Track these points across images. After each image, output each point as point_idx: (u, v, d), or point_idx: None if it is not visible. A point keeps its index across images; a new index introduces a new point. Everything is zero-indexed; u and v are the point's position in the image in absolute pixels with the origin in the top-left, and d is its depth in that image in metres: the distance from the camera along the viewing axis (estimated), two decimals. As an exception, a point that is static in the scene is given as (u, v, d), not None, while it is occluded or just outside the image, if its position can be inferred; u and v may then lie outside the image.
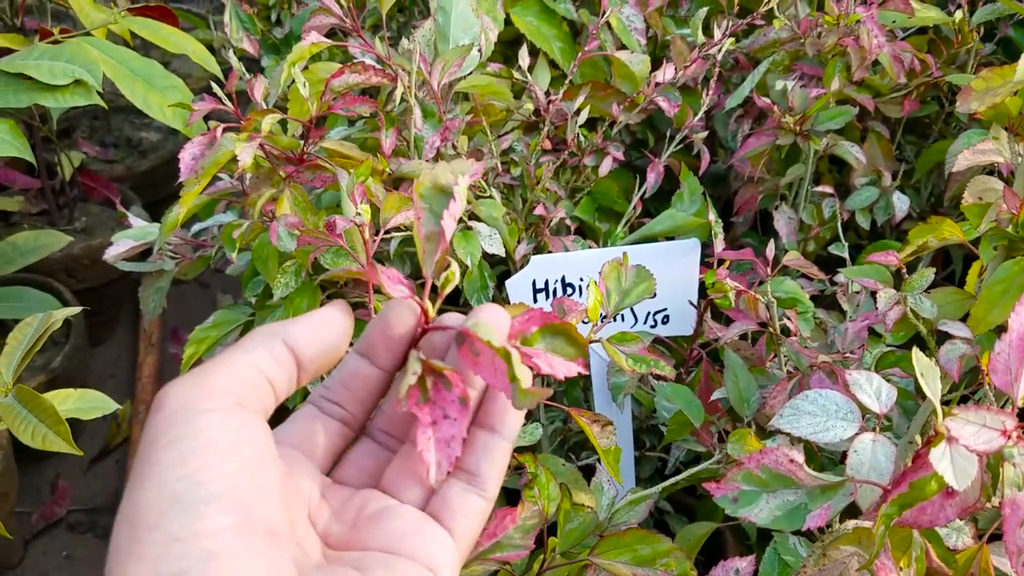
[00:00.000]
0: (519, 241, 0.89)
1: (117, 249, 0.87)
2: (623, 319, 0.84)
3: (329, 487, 0.37)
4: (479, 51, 0.95)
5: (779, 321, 0.75)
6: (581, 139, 0.94)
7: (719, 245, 0.79)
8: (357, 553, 0.34)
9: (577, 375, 0.36)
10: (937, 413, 0.40)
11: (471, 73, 0.88)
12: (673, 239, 0.85)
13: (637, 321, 0.84)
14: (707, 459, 0.75)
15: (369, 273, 0.36)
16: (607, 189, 0.98)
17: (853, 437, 0.49)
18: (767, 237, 1.03)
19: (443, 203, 0.36)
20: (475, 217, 0.85)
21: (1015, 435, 0.40)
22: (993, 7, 1.01)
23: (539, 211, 0.88)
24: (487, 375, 0.33)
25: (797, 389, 0.68)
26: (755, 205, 1.02)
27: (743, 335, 0.81)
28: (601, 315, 0.60)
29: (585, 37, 1.04)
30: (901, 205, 0.95)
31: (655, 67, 0.94)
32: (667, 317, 0.83)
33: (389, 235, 0.85)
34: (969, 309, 0.59)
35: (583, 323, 0.65)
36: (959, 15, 1.00)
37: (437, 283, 0.37)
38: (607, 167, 0.92)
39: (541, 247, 0.90)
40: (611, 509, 0.71)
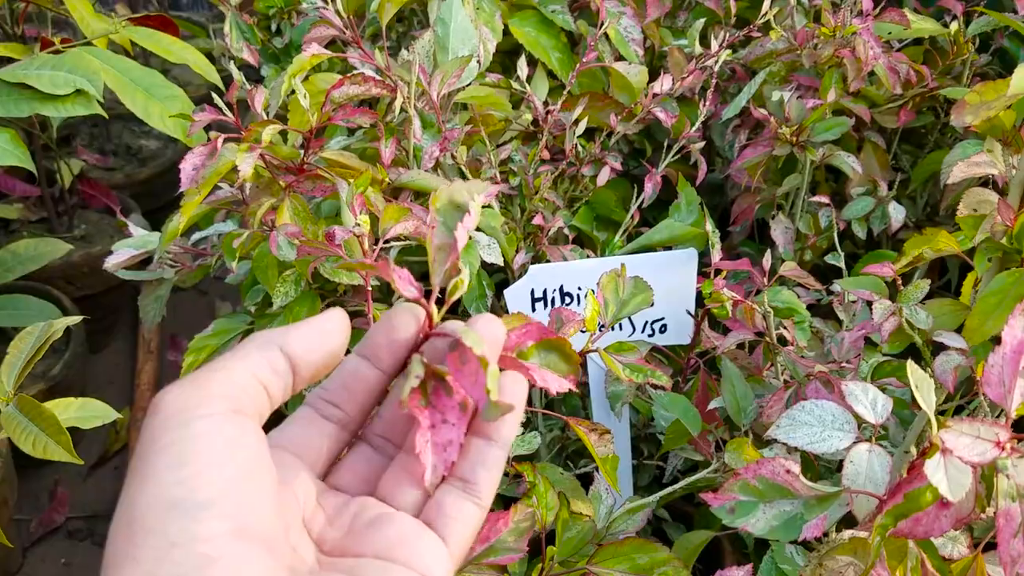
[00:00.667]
0: (517, 250, 0.89)
1: (117, 258, 0.88)
2: (621, 328, 0.85)
3: (324, 492, 0.37)
4: (478, 62, 0.95)
5: (776, 331, 0.76)
6: (579, 149, 0.94)
7: (716, 255, 0.79)
8: (352, 560, 0.34)
9: (579, 384, 0.36)
10: (932, 425, 0.40)
11: (470, 84, 0.89)
12: (671, 249, 0.85)
13: (635, 330, 0.85)
14: (705, 468, 0.75)
15: (382, 270, 0.36)
16: (605, 198, 0.98)
17: (849, 447, 0.50)
18: (764, 246, 1.04)
19: (457, 217, 0.37)
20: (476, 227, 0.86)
21: (1009, 447, 0.40)
22: (988, 19, 1.01)
23: (537, 220, 0.88)
24: (467, 383, 0.34)
25: (794, 399, 0.69)
26: (752, 215, 1.02)
27: (740, 344, 0.81)
28: (599, 325, 0.60)
29: (583, 47, 1.05)
30: (897, 215, 0.95)
31: (652, 78, 0.94)
32: (665, 326, 0.84)
33: (389, 244, 0.86)
34: (964, 320, 0.60)
35: (581, 332, 0.65)
36: (954, 26, 1.01)
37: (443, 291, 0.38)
38: (605, 177, 0.93)
39: (539, 256, 0.91)
40: (609, 518, 0.71)
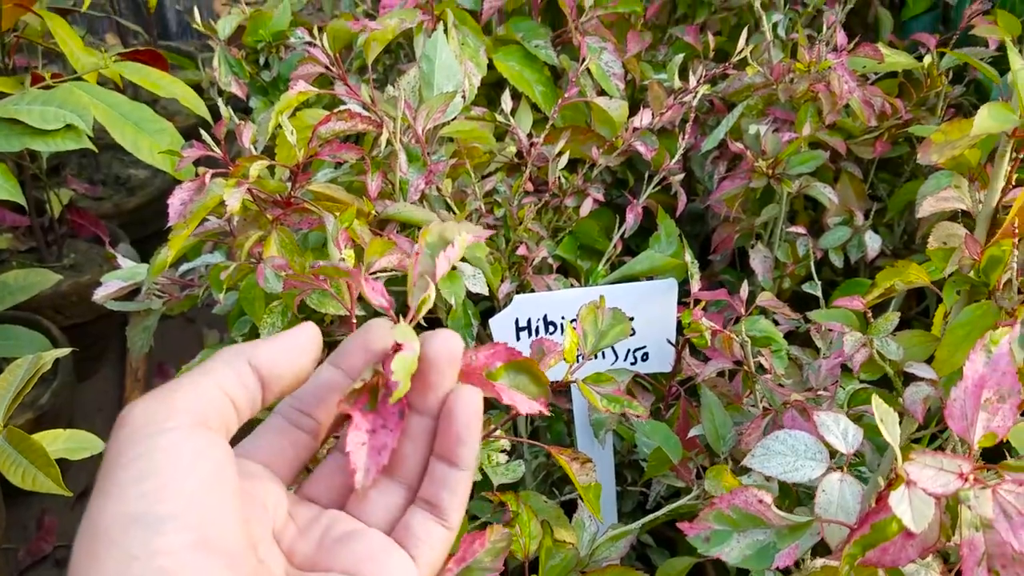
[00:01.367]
0: (502, 280, 0.91)
1: (106, 290, 0.89)
2: (604, 356, 0.86)
3: (296, 504, 0.37)
4: (463, 96, 0.97)
5: (754, 359, 0.78)
6: (562, 181, 0.96)
7: (696, 285, 0.81)
8: (321, 574, 0.35)
9: (562, 411, 0.38)
10: (897, 457, 0.42)
11: (455, 118, 0.91)
12: (652, 279, 0.87)
13: (617, 358, 0.86)
14: (686, 494, 0.77)
15: (355, 277, 0.38)
16: (588, 228, 1.00)
17: (821, 477, 0.51)
18: (744, 274, 1.06)
19: (441, 248, 0.38)
20: (460, 257, 0.87)
21: (972, 478, 0.42)
22: (960, 52, 1.04)
23: (521, 251, 0.90)
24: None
25: (771, 426, 0.70)
26: (732, 244, 1.04)
27: (721, 372, 0.83)
28: (578, 356, 0.62)
29: (566, 81, 1.07)
30: (873, 244, 0.97)
31: (634, 111, 0.96)
32: (646, 354, 0.85)
33: (375, 275, 0.87)
34: (934, 351, 0.61)
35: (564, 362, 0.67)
36: (927, 60, 1.04)
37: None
38: (587, 208, 0.95)
39: (524, 285, 0.92)
40: (592, 545, 0.72)
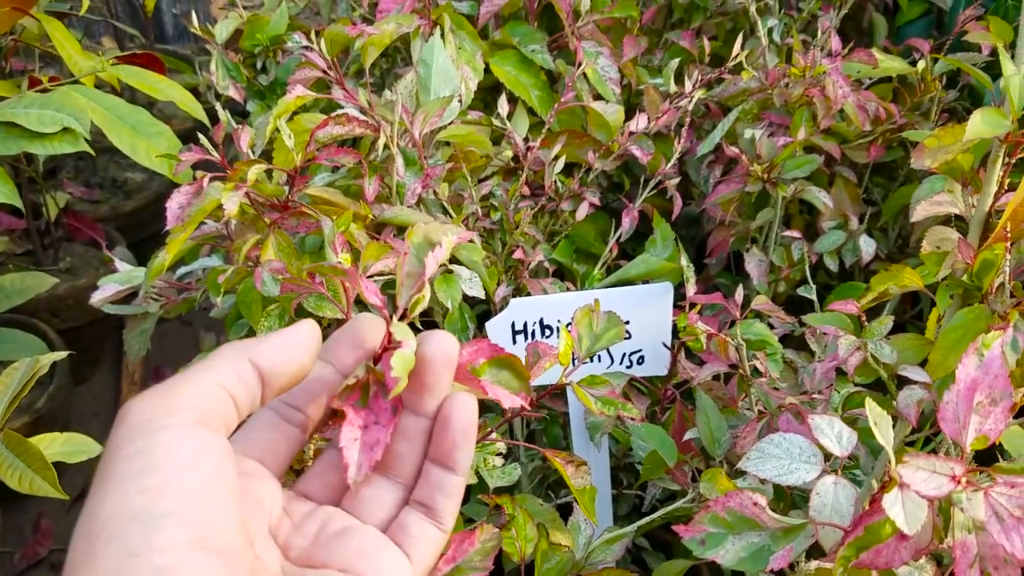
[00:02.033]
0: (499, 284, 0.91)
1: (103, 293, 0.89)
2: (600, 360, 0.86)
3: (292, 500, 0.38)
4: (459, 100, 0.98)
5: (749, 362, 0.78)
6: (559, 185, 0.96)
7: (691, 289, 0.81)
8: (317, 571, 0.35)
9: (558, 415, 0.38)
10: (890, 460, 0.42)
11: (452, 122, 0.91)
12: (648, 282, 0.87)
13: (613, 362, 0.87)
14: (682, 497, 0.77)
15: (351, 277, 0.38)
16: (584, 232, 1.01)
17: (816, 480, 0.52)
18: (740, 278, 1.06)
19: (428, 250, 0.39)
20: (456, 261, 0.88)
21: (964, 481, 0.42)
22: (954, 57, 1.05)
23: (518, 255, 0.90)
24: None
25: (766, 429, 0.71)
26: (727, 247, 1.05)
27: (716, 376, 0.83)
28: (572, 359, 0.62)
29: (562, 85, 1.08)
30: (867, 248, 0.98)
31: (630, 115, 0.97)
32: (642, 358, 0.86)
33: (371, 278, 0.87)
34: (928, 354, 0.62)
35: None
36: (921, 65, 1.04)
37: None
38: (584, 212, 0.95)
39: (521, 289, 0.92)
40: (588, 548, 0.72)
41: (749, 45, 1.11)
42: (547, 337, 0.86)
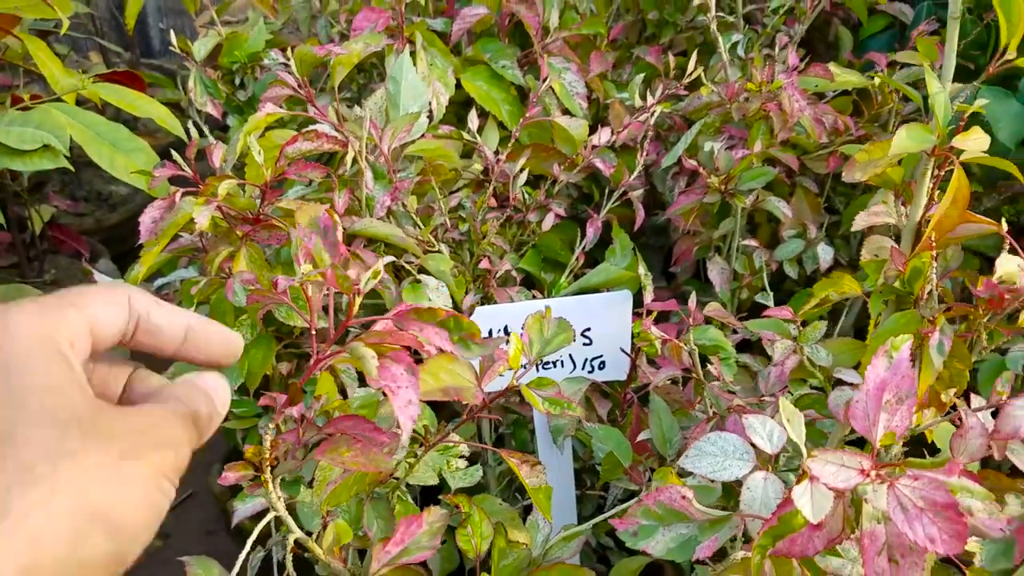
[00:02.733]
0: (467, 292, 0.94)
1: (83, 304, 0.92)
2: (562, 365, 0.89)
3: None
4: (430, 115, 1.01)
5: (705, 367, 0.81)
6: (525, 197, 1.00)
7: (648, 296, 0.84)
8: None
9: (527, 420, 0.41)
10: (802, 454, 0.45)
11: (422, 136, 0.94)
12: (609, 291, 0.90)
13: (576, 367, 0.90)
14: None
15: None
16: (551, 242, 1.04)
17: (747, 475, 0.55)
18: (708, 284, 1.09)
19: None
20: (424, 271, 0.91)
21: (873, 474, 0.45)
22: (908, 71, 1.08)
23: (484, 264, 0.93)
24: None
25: (715, 430, 0.74)
26: (691, 256, 1.08)
27: (675, 380, 0.86)
28: (523, 362, 0.65)
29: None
30: (826, 256, 1.01)
31: (598, 129, 1.00)
32: (604, 363, 0.89)
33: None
34: (862, 357, 0.65)
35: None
36: (879, 79, 1.08)
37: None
38: (550, 222, 0.98)
39: (488, 298, 0.95)
40: (545, 545, 0.75)
41: (715, 60, 1.15)
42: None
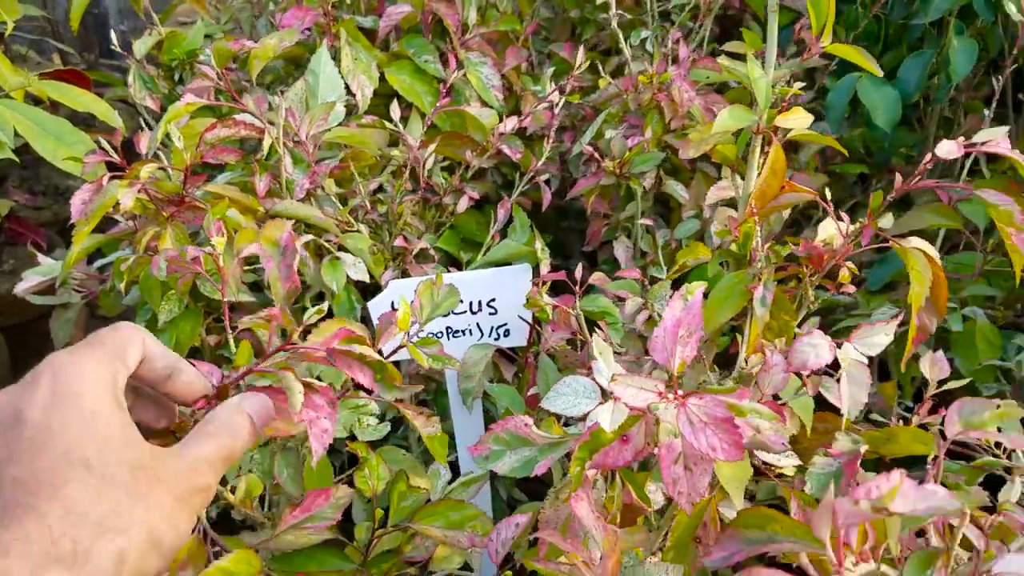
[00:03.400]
0: (386, 268, 1.02)
1: (26, 284, 0.99)
2: (471, 334, 0.98)
3: None
4: (355, 106, 1.09)
5: (593, 331, 0.89)
6: (441, 180, 1.08)
7: (544, 269, 0.92)
8: None
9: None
10: (608, 380, 0.54)
11: (345, 125, 1.02)
12: (511, 264, 0.99)
13: (484, 335, 0.98)
14: (535, 450, 0.88)
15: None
16: (469, 224, 1.12)
17: (592, 410, 0.63)
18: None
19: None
20: (344, 248, 0.99)
21: (669, 396, 0.54)
22: (794, 61, 1.17)
23: (399, 243, 1.01)
24: None
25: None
26: (601, 236, 1.16)
27: (572, 343, 0.95)
28: (412, 324, 0.73)
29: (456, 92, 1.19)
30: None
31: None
32: (508, 331, 0.97)
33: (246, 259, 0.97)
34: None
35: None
36: (773, 71, 1.16)
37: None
38: (464, 205, 1.07)
39: (406, 274, 1.04)
40: (444, 491, 0.83)
41: (633, 54, 1.23)
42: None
